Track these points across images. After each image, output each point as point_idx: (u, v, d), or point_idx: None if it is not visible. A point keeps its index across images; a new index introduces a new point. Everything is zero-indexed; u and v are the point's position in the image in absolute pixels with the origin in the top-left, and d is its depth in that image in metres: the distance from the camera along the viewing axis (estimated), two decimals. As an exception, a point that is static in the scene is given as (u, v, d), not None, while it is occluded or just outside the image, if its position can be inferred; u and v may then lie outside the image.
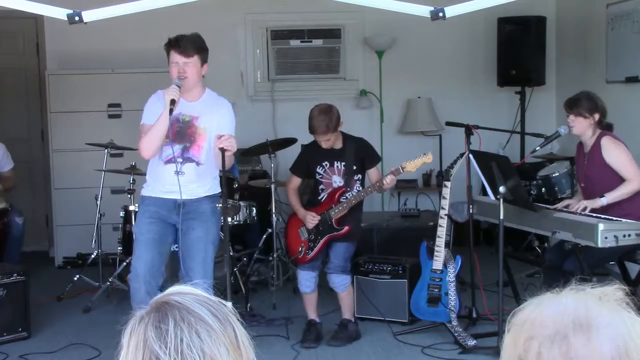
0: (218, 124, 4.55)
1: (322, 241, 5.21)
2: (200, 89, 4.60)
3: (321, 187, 5.28)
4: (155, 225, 4.57)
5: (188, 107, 4.46)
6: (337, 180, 5.22)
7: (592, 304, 1.22)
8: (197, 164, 4.55)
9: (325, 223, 5.19)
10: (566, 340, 1.18)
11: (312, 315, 5.38)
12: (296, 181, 5.38)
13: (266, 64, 8.16)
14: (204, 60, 4.52)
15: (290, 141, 6.74)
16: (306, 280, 5.28)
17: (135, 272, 4.55)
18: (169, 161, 4.54)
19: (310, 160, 5.31)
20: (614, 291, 1.25)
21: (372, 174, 5.24)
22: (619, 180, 4.87)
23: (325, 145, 5.16)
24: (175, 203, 4.55)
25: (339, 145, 5.22)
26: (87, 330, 5.62)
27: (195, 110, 4.52)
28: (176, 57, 4.46)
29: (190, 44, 4.46)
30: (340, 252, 5.24)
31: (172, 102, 4.33)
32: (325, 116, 5.06)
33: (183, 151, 4.52)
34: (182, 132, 4.48)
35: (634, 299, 1.26)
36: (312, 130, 5.12)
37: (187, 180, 4.47)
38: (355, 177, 5.22)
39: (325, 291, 5.92)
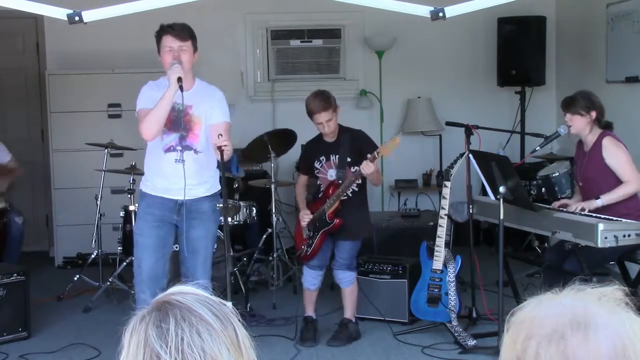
0: (212, 111, 4.55)
1: (318, 236, 5.21)
2: (192, 79, 4.59)
3: (319, 182, 5.29)
4: (157, 228, 4.56)
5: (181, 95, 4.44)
6: (333, 174, 5.22)
7: (591, 303, 1.22)
8: (196, 151, 4.55)
9: (320, 218, 5.20)
10: (563, 340, 1.18)
11: (310, 311, 5.38)
12: (302, 179, 5.42)
13: (266, 64, 8.16)
14: (195, 48, 4.53)
15: (288, 133, 6.71)
16: (312, 277, 5.30)
17: (139, 276, 4.57)
18: (168, 150, 4.54)
19: (309, 155, 5.33)
20: (613, 291, 1.25)
21: None
22: (617, 181, 4.88)
23: (327, 128, 5.12)
24: (176, 204, 4.55)
25: (334, 138, 5.23)
26: (87, 330, 5.62)
27: (188, 100, 4.49)
28: (170, 42, 4.43)
29: (185, 30, 4.47)
30: (345, 250, 5.25)
31: (180, 79, 4.31)
32: (320, 97, 5.10)
33: (180, 140, 4.52)
34: (177, 121, 4.47)
35: (633, 299, 1.26)
36: (311, 112, 5.11)
37: (188, 171, 4.45)
38: (353, 170, 5.21)
39: (326, 291, 5.93)
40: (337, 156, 5.19)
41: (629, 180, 4.85)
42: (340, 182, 5.15)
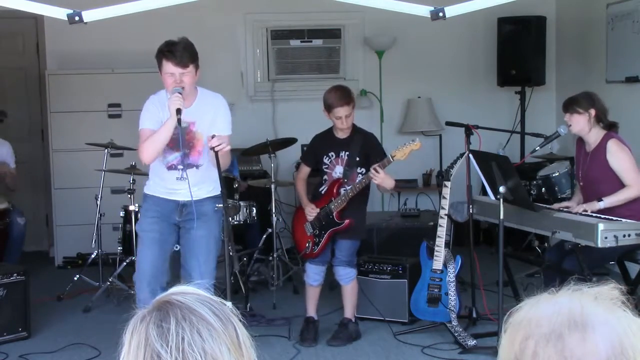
0: (213, 124, 4.54)
1: (325, 236, 5.22)
2: (194, 92, 4.55)
3: (325, 177, 5.28)
4: (158, 224, 4.58)
5: (184, 113, 4.42)
6: (339, 171, 5.22)
7: (588, 303, 1.22)
8: (197, 167, 4.57)
9: (327, 217, 5.19)
10: (561, 339, 1.18)
11: (312, 312, 5.39)
12: (305, 170, 5.39)
13: (266, 64, 8.16)
14: (197, 67, 4.47)
15: (290, 141, 6.75)
16: (315, 273, 5.30)
17: (139, 271, 4.59)
18: (170, 168, 4.57)
19: (318, 149, 5.32)
20: (610, 290, 1.25)
21: None
22: (620, 183, 4.85)
23: (345, 123, 5.12)
24: (178, 204, 4.57)
25: (347, 133, 5.23)
26: (87, 330, 5.62)
27: (191, 116, 4.48)
28: (172, 68, 4.37)
29: (186, 54, 4.38)
30: (345, 247, 5.25)
31: (179, 111, 4.30)
32: (341, 90, 5.14)
33: (183, 158, 4.52)
34: (179, 138, 4.43)
35: (629, 298, 1.27)
36: (330, 106, 5.11)
37: (190, 184, 4.45)
38: (359, 170, 5.21)
39: (326, 291, 5.93)
40: (347, 153, 5.19)
41: (632, 184, 4.82)
42: (345, 180, 5.17)
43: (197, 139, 4.55)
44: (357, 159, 5.19)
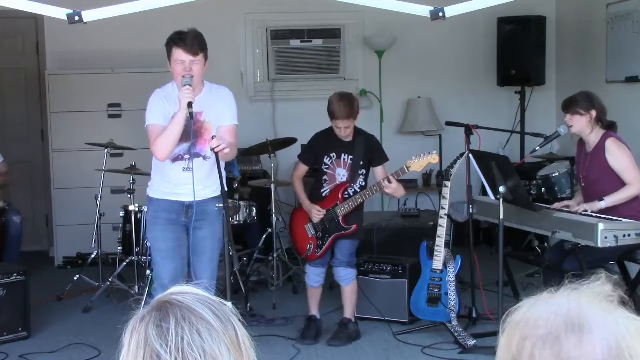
0: (220, 114, 4.55)
1: (330, 239, 5.22)
2: (201, 83, 4.56)
3: (324, 178, 5.27)
4: (169, 231, 4.54)
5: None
6: (341, 174, 5.22)
7: (586, 304, 1.21)
8: (205, 157, 4.54)
9: (332, 221, 5.19)
10: (558, 341, 1.18)
11: (314, 311, 5.39)
12: (303, 169, 5.38)
13: (266, 64, 8.16)
14: (206, 58, 4.48)
15: (290, 141, 6.75)
16: (315, 275, 5.31)
17: (161, 282, 4.51)
18: (176, 159, 4.53)
19: (319, 149, 5.31)
20: (609, 290, 1.25)
21: (379, 172, 5.22)
22: (620, 182, 4.86)
23: (344, 133, 5.13)
24: (183, 205, 4.54)
25: (349, 138, 5.23)
26: (87, 330, 5.62)
27: (198, 106, 4.46)
28: (182, 56, 4.37)
29: (196, 42, 4.40)
30: (346, 248, 5.26)
31: (190, 104, 4.29)
32: (346, 102, 5.10)
33: (190, 148, 4.50)
34: (188, 130, 4.44)
35: (629, 298, 1.26)
36: (333, 115, 5.11)
37: (196, 177, 4.44)
38: (360, 172, 5.22)
39: (326, 290, 5.94)
40: (350, 157, 5.19)
41: (633, 183, 4.83)
42: (352, 184, 5.17)
43: (205, 128, 4.53)
44: (361, 162, 5.20)
